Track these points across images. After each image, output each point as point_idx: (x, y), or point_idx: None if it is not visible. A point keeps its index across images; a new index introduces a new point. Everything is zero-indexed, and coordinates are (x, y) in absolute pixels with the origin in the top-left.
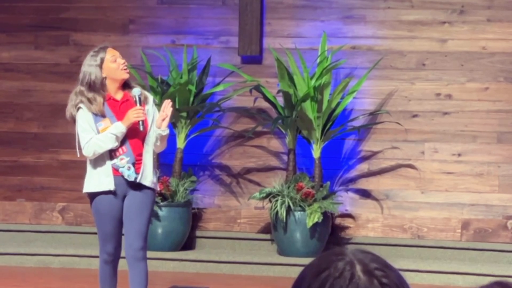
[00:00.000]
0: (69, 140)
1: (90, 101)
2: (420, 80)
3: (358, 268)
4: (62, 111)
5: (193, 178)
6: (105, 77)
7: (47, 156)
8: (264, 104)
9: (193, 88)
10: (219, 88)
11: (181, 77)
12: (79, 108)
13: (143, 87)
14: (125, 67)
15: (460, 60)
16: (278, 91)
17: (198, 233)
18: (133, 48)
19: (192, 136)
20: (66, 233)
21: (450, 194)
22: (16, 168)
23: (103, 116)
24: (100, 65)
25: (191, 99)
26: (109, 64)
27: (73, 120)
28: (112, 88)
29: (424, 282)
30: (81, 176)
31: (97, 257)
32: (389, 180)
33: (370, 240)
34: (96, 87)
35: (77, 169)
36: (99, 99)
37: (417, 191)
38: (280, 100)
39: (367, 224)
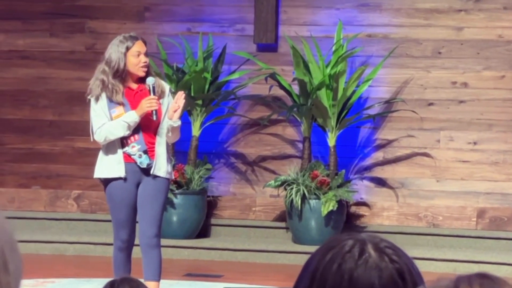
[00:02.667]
0: (85, 128)
1: (113, 87)
2: (436, 68)
3: (369, 245)
4: (78, 99)
5: (208, 166)
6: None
7: (62, 144)
8: (280, 92)
9: (208, 76)
10: (235, 76)
11: (196, 65)
12: (101, 89)
13: (159, 75)
14: (145, 66)
15: (476, 48)
16: (294, 79)
17: (213, 221)
18: (148, 35)
19: (207, 124)
20: (81, 220)
21: (466, 183)
22: (31, 156)
23: (118, 103)
24: (125, 53)
25: (207, 87)
26: (131, 57)
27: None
28: (128, 78)
29: (439, 270)
30: (96, 164)
31: (112, 244)
32: (404, 168)
33: (385, 228)
34: (121, 75)
35: (92, 156)
36: (121, 88)
37: (432, 180)
38: (295, 88)
39: (382, 212)
